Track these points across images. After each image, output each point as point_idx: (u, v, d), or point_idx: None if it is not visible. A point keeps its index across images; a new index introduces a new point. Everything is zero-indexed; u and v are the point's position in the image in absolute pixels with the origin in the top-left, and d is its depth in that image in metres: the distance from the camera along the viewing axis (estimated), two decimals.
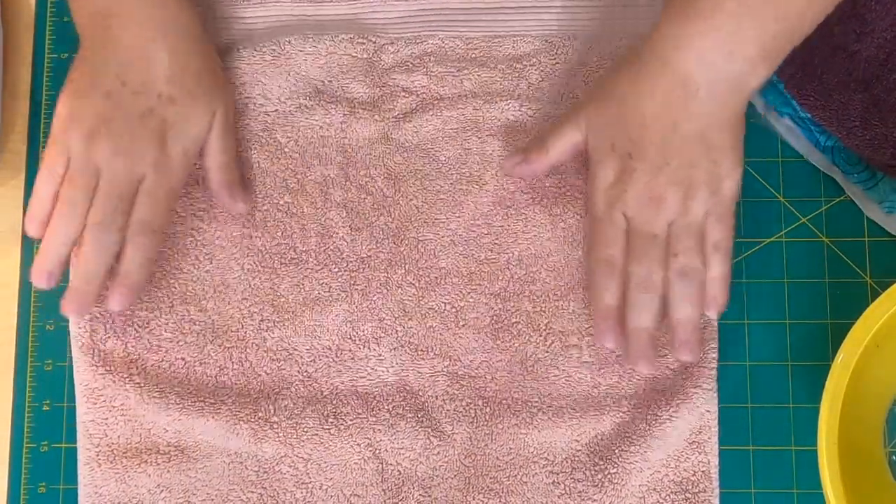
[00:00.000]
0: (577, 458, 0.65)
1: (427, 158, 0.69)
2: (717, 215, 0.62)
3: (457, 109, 0.69)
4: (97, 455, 0.65)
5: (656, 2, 0.70)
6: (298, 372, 0.66)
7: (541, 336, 0.67)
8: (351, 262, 0.67)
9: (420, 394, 0.66)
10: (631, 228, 0.62)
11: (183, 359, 0.66)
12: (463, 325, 0.67)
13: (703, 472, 0.64)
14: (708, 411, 0.65)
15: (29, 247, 0.70)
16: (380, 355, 0.67)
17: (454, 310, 0.67)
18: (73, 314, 0.65)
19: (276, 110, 0.69)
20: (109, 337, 0.66)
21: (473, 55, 0.70)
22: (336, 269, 0.67)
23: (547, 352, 0.66)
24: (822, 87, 0.66)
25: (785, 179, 0.69)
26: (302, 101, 0.69)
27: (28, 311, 0.69)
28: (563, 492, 0.65)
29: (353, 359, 0.67)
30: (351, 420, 0.65)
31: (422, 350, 0.67)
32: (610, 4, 0.70)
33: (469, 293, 0.67)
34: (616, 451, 0.65)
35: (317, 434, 0.65)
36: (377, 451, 0.65)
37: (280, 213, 0.68)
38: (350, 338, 0.67)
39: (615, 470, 0.64)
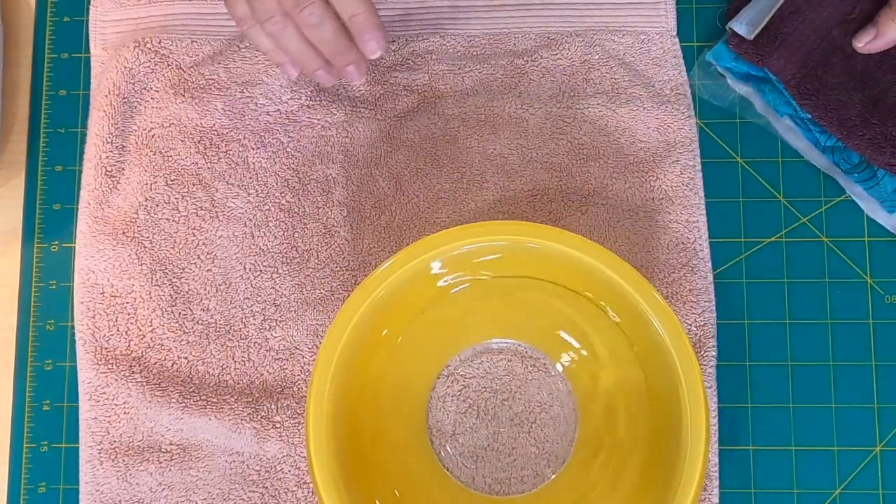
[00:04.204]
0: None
1: (428, 157, 0.69)
2: None
3: (458, 108, 0.69)
4: (99, 453, 0.65)
5: None
6: (301, 371, 0.66)
7: None
8: (352, 261, 0.67)
9: None
10: None
11: (185, 357, 0.66)
12: None
13: None
14: None
15: (29, 247, 0.70)
16: None
17: None
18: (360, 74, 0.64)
19: (277, 110, 0.69)
20: (112, 335, 0.66)
21: (474, 53, 0.70)
22: (337, 269, 0.67)
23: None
24: (821, 87, 0.66)
25: (785, 179, 0.69)
26: (303, 100, 0.69)
27: (28, 311, 0.69)
28: None
29: None
30: None
31: None
32: (612, 0, 0.70)
33: None
34: None
35: None
36: None
37: (282, 213, 0.68)
38: None
39: None
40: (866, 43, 0.65)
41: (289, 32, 0.61)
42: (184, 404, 0.65)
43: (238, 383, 0.66)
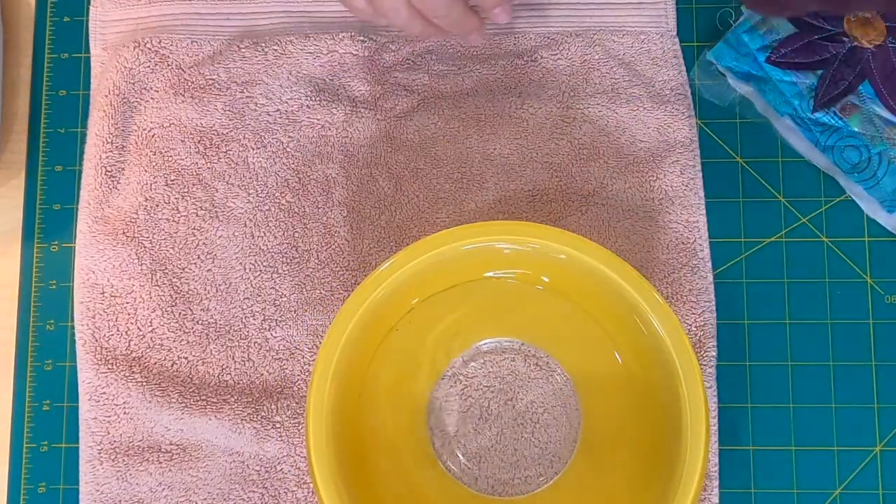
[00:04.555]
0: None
1: (428, 157, 0.69)
2: None
3: (458, 108, 0.69)
4: (99, 453, 0.65)
5: None
6: (301, 371, 0.66)
7: None
8: (352, 261, 0.67)
9: None
10: None
11: (185, 358, 0.66)
12: None
13: None
14: None
15: (29, 247, 0.70)
16: None
17: None
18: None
19: (277, 110, 0.69)
20: (112, 335, 0.66)
21: (474, 52, 0.70)
22: (337, 269, 0.67)
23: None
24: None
25: (785, 179, 0.69)
26: (303, 100, 0.69)
27: (28, 311, 0.69)
28: None
29: None
30: None
31: None
32: (612, 0, 0.70)
33: None
34: None
35: None
36: None
37: (282, 213, 0.68)
38: None
39: None
40: None
41: (414, 22, 0.62)
42: (184, 404, 0.65)
43: (238, 383, 0.66)
